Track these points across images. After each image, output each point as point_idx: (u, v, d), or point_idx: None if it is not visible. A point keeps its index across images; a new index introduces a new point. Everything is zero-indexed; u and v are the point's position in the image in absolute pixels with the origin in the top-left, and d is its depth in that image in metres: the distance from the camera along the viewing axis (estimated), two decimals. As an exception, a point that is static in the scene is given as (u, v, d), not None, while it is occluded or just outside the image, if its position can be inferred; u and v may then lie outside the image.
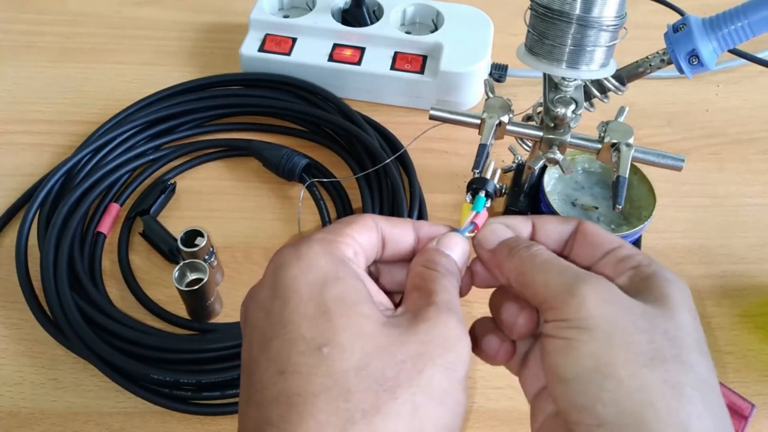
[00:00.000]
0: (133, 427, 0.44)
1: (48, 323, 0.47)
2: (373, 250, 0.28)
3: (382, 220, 0.29)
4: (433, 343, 0.24)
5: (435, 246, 0.29)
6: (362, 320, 0.24)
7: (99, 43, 0.69)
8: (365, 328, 0.24)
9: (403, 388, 0.23)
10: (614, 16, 0.39)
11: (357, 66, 0.62)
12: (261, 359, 0.24)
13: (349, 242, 0.27)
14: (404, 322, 0.25)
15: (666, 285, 0.26)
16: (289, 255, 0.26)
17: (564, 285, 0.26)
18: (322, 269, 0.25)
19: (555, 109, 0.43)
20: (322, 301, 0.24)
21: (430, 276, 0.27)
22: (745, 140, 0.62)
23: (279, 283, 0.25)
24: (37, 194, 0.53)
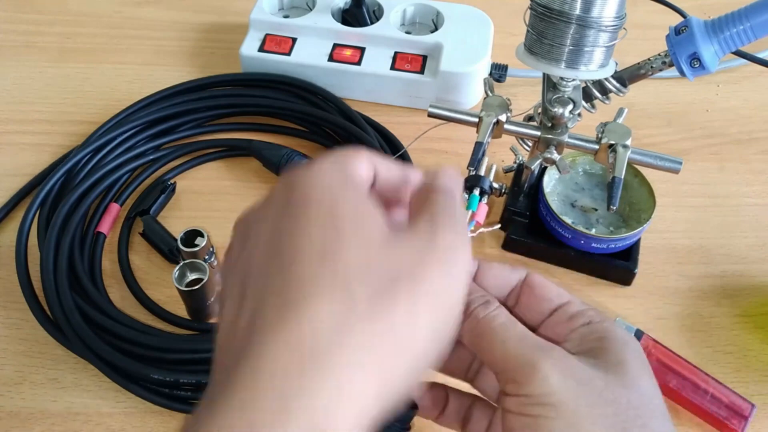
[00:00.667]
0: (133, 427, 0.44)
1: (48, 323, 0.47)
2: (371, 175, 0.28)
3: (376, 156, 0.28)
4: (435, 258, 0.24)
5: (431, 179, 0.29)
6: (369, 230, 0.24)
7: (99, 43, 0.70)
8: (374, 236, 0.24)
9: (403, 281, 0.23)
10: (613, 16, 0.39)
11: (357, 66, 0.62)
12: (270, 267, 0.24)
13: (363, 159, 0.27)
14: (407, 230, 0.25)
15: (622, 349, 0.26)
16: (302, 169, 0.26)
17: (524, 357, 0.26)
18: (332, 180, 0.25)
19: (553, 109, 0.43)
20: (331, 207, 0.24)
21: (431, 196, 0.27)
22: (745, 140, 0.62)
23: (290, 198, 0.25)
24: (37, 194, 0.53)
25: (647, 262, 0.52)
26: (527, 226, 0.52)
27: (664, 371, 0.44)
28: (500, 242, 0.53)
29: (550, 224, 0.50)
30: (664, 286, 0.51)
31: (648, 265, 0.52)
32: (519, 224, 0.52)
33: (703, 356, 0.47)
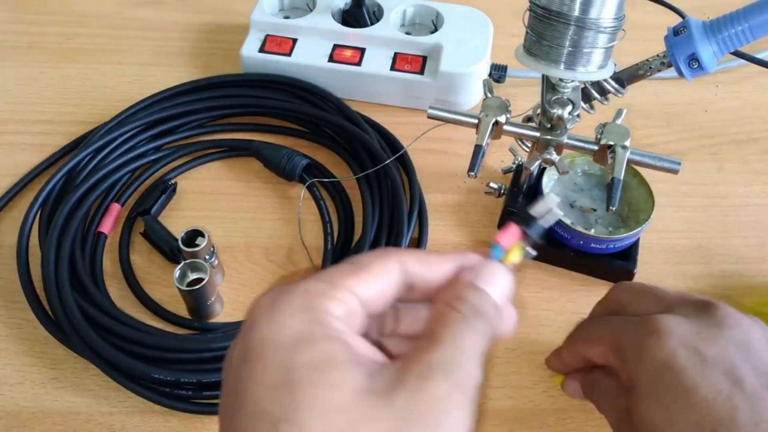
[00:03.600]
0: (133, 426, 0.44)
1: (49, 323, 0.47)
2: (384, 299, 0.25)
3: (411, 259, 0.25)
4: (411, 420, 0.21)
5: (470, 278, 0.25)
6: (329, 392, 0.21)
7: (100, 43, 0.70)
8: (331, 402, 0.21)
9: None
10: (612, 17, 0.39)
11: (357, 67, 0.62)
12: (228, 428, 0.22)
13: (342, 297, 0.23)
14: (386, 385, 0.21)
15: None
16: (264, 309, 0.23)
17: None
18: (295, 331, 0.22)
19: (552, 110, 0.44)
20: (289, 368, 0.21)
21: (446, 318, 0.24)
22: (744, 140, 0.62)
23: (248, 344, 0.22)
24: (39, 194, 0.53)
25: (646, 262, 0.52)
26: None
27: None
28: (500, 242, 0.53)
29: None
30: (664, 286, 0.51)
31: (647, 265, 0.52)
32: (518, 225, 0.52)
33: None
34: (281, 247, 0.53)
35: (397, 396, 0.21)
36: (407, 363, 0.22)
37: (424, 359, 0.22)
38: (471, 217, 0.56)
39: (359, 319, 0.24)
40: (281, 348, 0.22)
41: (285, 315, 0.22)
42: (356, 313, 0.24)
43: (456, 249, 0.53)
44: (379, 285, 0.25)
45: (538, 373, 0.47)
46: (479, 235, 0.54)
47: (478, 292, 0.25)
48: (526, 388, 0.46)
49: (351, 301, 0.24)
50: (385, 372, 0.22)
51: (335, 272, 0.24)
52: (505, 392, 0.46)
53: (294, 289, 0.23)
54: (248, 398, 0.21)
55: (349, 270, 0.24)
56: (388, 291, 0.25)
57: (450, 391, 0.21)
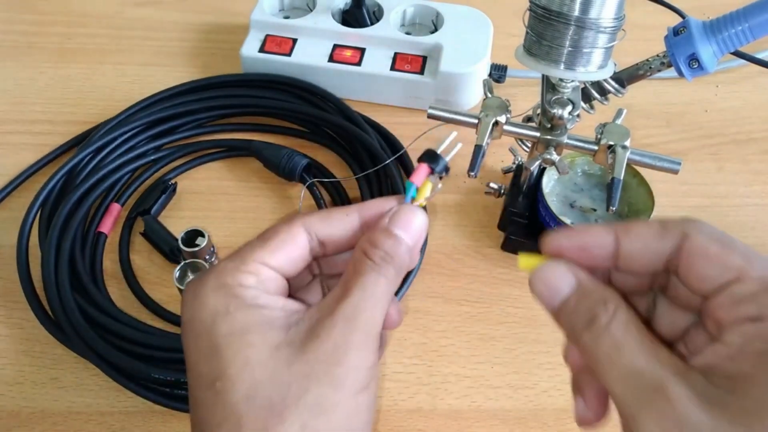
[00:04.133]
0: (134, 426, 0.44)
1: (49, 323, 0.47)
2: (297, 262, 0.28)
3: (316, 220, 0.28)
4: (318, 361, 0.25)
5: (385, 224, 0.28)
6: (249, 349, 0.25)
7: (100, 43, 0.70)
8: (252, 357, 0.24)
9: (290, 409, 0.24)
10: (612, 17, 0.39)
11: (357, 67, 0.62)
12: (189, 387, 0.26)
13: (252, 269, 0.27)
14: (300, 337, 0.25)
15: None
16: (188, 293, 0.27)
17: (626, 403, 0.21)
18: (213, 306, 0.26)
19: (552, 110, 0.44)
20: (212, 337, 0.25)
21: (359, 266, 0.27)
22: (744, 140, 0.63)
23: (183, 323, 0.27)
24: (38, 194, 0.53)
25: (646, 262, 0.52)
26: (526, 227, 0.52)
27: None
28: (499, 243, 0.54)
29: (549, 225, 0.50)
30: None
31: (647, 265, 0.52)
32: (518, 225, 0.52)
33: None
34: (281, 247, 0.53)
35: (309, 345, 0.25)
36: (321, 314, 0.26)
37: (333, 310, 0.26)
38: (471, 217, 0.56)
39: (274, 282, 0.27)
40: (204, 322, 0.26)
41: (203, 294, 0.26)
42: (270, 279, 0.27)
43: (457, 250, 0.53)
44: (286, 251, 0.28)
45: (538, 373, 0.47)
46: (479, 235, 0.54)
47: (391, 238, 0.28)
48: (526, 388, 0.46)
49: (262, 271, 0.27)
50: (301, 324, 0.26)
51: (245, 248, 0.28)
52: (505, 392, 0.46)
53: (210, 271, 0.27)
54: (189, 364, 0.26)
55: (258, 243, 0.28)
56: (297, 255, 0.28)
57: (351, 334, 0.25)
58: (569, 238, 0.25)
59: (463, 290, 0.51)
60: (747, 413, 0.19)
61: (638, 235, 0.24)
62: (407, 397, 0.46)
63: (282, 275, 0.28)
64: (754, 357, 0.20)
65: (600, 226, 0.24)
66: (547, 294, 0.25)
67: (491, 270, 0.52)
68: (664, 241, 0.23)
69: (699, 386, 0.20)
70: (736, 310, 0.21)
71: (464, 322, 0.49)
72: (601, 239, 0.24)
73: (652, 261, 0.24)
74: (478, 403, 0.46)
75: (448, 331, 0.49)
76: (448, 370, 0.47)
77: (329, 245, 0.29)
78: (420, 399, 0.46)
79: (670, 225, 0.23)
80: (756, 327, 0.21)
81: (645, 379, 0.21)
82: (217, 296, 0.26)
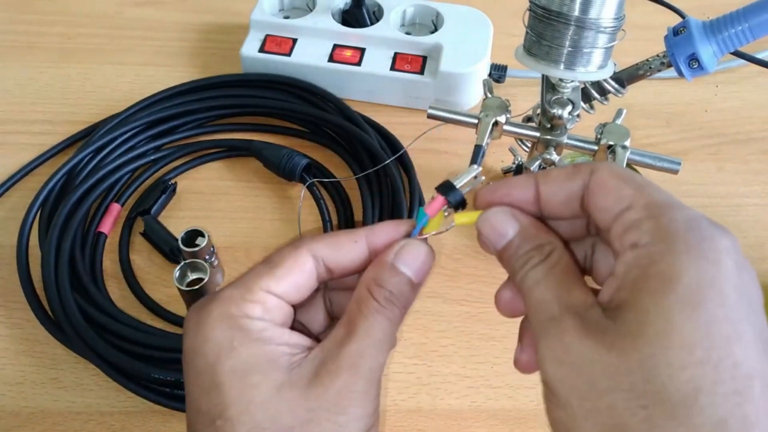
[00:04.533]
0: (134, 426, 0.44)
1: (49, 323, 0.47)
2: (302, 290, 0.28)
3: (323, 246, 0.27)
4: (321, 408, 0.24)
5: (390, 259, 0.27)
6: (252, 390, 0.24)
7: (100, 43, 0.70)
8: (254, 399, 0.24)
9: None
10: (612, 17, 0.39)
11: (357, 67, 0.62)
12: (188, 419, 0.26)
13: (258, 299, 0.26)
14: (304, 379, 0.25)
15: (658, 303, 0.20)
16: (191, 321, 0.26)
17: (534, 334, 0.24)
18: (217, 340, 0.25)
19: (552, 110, 0.44)
20: (215, 374, 0.25)
21: (363, 305, 0.26)
22: (744, 140, 0.62)
23: (184, 354, 0.26)
24: (38, 194, 0.53)
25: (646, 262, 0.52)
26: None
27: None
28: (500, 242, 0.53)
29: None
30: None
31: (647, 265, 0.52)
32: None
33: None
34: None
35: (313, 390, 0.24)
36: (324, 356, 0.25)
37: (337, 354, 0.25)
38: (471, 217, 0.56)
39: (281, 311, 0.27)
40: (207, 357, 0.25)
41: (207, 325, 0.25)
42: (276, 307, 0.26)
43: (457, 249, 0.53)
44: (292, 279, 0.27)
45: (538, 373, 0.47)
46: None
47: (397, 276, 0.27)
48: (526, 388, 0.46)
49: (268, 300, 0.26)
50: (304, 365, 0.25)
51: (250, 275, 0.27)
52: (504, 392, 0.46)
53: (215, 299, 0.26)
54: (190, 398, 0.26)
55: (263, 270, 0.27)
56: (304, 282, 0.27)
57: (355, 383, 0.25)
58: (495, 191, 0.27)
59: (463, 290, 0.51)
60: (621, 338, 0.20)
61: (553, 177, 0.25)
62: (407, 397, 0.46)
63: (288, 302, 0.27)
64: (630, 284, 0.21)
65: (522, 176, 0.26)
66: (492, 236, 0.26)
67: (491, 270, 0.52)
68: (575, 181, 0.25)
69: (593, 319, 0.22)
70: (624, 238, 0.22)
71: (464, 322, 0.49)
72: (522, 186, 0.26)
73: (568, 201, 0.25)
74: (478, 403, 0.46)
75: (448, 331, 0.49)
76: (448, 370, 0.47)
77: (336, 271, 0.28)
78: (420, 399, 0.46)
79: (581, 166, 0.25)
80: (634, 253, 0.21)
81: (547, 310, 0.23)
82: (221, 328, 0.25)
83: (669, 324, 0.20)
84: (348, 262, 0.28)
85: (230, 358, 0.25)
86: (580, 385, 0.21)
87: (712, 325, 0.20)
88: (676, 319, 0.20)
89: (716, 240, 0.21)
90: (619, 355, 0.20)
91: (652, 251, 0.21)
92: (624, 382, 0.20)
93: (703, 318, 0.20)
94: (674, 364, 0.19)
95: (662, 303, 0.20)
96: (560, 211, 0.26)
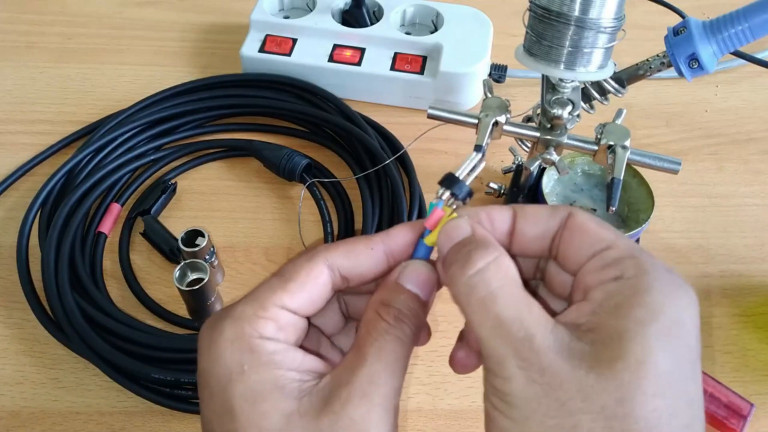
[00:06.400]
0: (133, 426, 0.44)
1: (49, 323, 0.47)
2: (318, 302, 0.27)
3: (338, 256, 0.27)
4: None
5: (396, 278, 0.27)
6: (262, 420, 0.24)
7: (100, 43, 0.70)
8: (265, 426, 0.24)
9: None
10: (612, 17, 0.39)
11: (357, 67, 0.62)
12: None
13: (271, 315, 0.25)
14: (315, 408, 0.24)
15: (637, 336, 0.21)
16: (203, 341, 0.26)
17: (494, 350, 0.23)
18: (228, 363, 0.24)
19: (552, 110, 0.44)
20: (226, 397, 0.24)
21: (372, 328, 0.25)
22: (744, 140, 0.63)
23: (198, 373, 0.26)
24: (38, 194, 0.53)
25: (646, 262, 0.52)
26: (526, 227, 0.52)
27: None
28: (500, 242, 0.53)
29: (549, 224, 0.50)
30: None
31: (647, 265, 0.52)
32: (518, 224, 0.52)
33: (702, 355, 0.48)
34: (281, 247, 0.53)
35: (324, 419, 0.23)
36: (335, 383, 0.25)
37: (349, 381, 0.24)
38: (471, 217, 0.56)
39: (294, 327, 0.26)
40: (219, 379, 0.24)
41: (219, 346, 0.25)
42: (289, 324, 0.26)
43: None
44: (307, 293, 0.26)
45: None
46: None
47: (403, 293, 0.26)
48: (526, 388, 0.46)
49: (282, 316, 0.25)
50: (314, 393, 0.24)
51: (263, 290, 0.26)
52: (505, 392, 0.46)
53: (228, 316, 0.25)
54: (204, 419, 0.25)
55: (277, 284, 0.26)
56: (318, 295, 0.27)
57: (368, 412, 0.24)
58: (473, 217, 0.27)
59: (463, 290, 0.51)
60: (600, 362, 0.21)
61: (532, 213, 0.26)
62: (407, 397, 0.46)
63: (302, 316, 0.27)
64: (612, 308, 0.23)
65: (499, 207, 0.27)
66: (444, 240, 0.26)
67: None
68: (553, 219, 0.26)
69: (564, 339, 0.22)
70: (603, 272, 0.24)
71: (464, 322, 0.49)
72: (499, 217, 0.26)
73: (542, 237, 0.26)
74: (478, 403, 0.46)
75: (448, 331, 0.49)
76: (448, 370, 0.46)
77: (353, 280, 0.27)
78: (420, 399, 0.46)
79: (560, 207, 0.26)
80: (617, 284, 0.23)
81: (514, 329, 0.23)
82: (233, 350, 0.25)
83: (648, 353, 0.21)
84: (365, 270, 0.27)
85: (241, 382, 0.24)
86: (549, 404, 0.21)
87: (680, 362, 0.22)
88: (654, 348, 0.21)
89: (689, 291, 0.24)
90: (597, 378, 0.21)
91: (637, 284, 0.23)
92: (596, 404, 0.21)
93: (674, 353, 0.22)
94: (647, 393, 0.21)
95: (645, 331, 0.21)
96: (530, 245, 0.26)
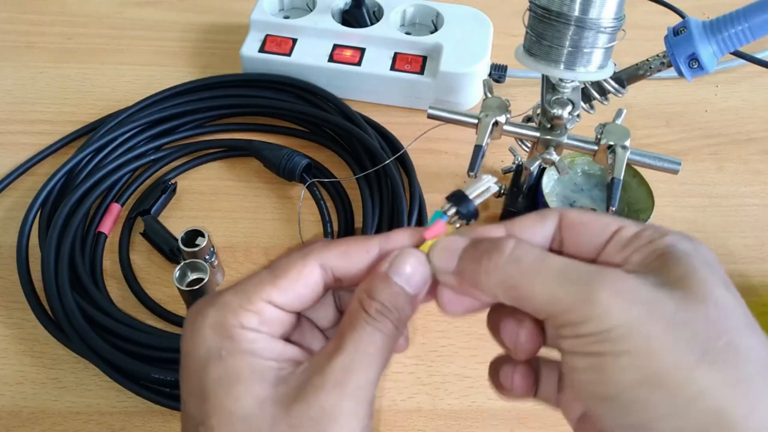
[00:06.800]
0: (133, 426, 0.44)
1: (49, 323, 0.47)
2: (310, 298, 0.26)
3: (333, 256, 0.26)
4: (302, 426, 0.23)
5: (385, 269, 0.26)
6: (234, 403, 0.24)
7: (100, 43, 0.70)
8: (236, 412, 0.23)
9: None
10: (612, 17, 0.39)
11: (357, 67, 0.62)
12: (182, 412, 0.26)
13: (256, 309, 0.25)
14: (289, 394, 0.24)
15: (688, 260, 0.22)
16: (188, 323, 0.26)
17: (575, 293, 0.22)
18: (208, 347, 0.24)
19: (552, 110, 0.44)
20: (202, 380, 0.24)
21: (354, 319, 0.25)
22: (744, 140, 0.63)
23: (181, 354, 0.26)
24: (38, 194, 0.53)
25: (646, 262, 0.52)
26: (526, 227, 0.52)
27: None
28: (500, 242, 0.53)
29: (549, 224, 0.50)
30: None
31: (647, 265, 0.52)
32: (518, 224, 0.52)
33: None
34: (281, 247, 0.53)
35: (296, 406, 0.23)
36: (311, 370, 0.24)
37: (323, 369, 0.24)
38: (471, 217, 0.56)
39: (279, 321, 0.26)
40: (197, 362, 0.25)
41: (201, 330, 0.25)
42: (274, 318, 0.26)
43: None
44: (296, 290, 0.26)
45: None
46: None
47: (390, 287, 0.26)
48: (526, 388, 0.46)
49: (267, 311, 0.25)
50: (290, 379, 0.24)
51: (252, 282, 0.26)
52: (505, 392, 0.46)
53: (213, 303, 0.25)
54: (182, 398, 0.25)
55: (267, 278, 0.26)
56: (308, 293, 0.26)
57: (340, 401, 0.23)
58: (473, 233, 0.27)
59: (463, 290, 0.51)
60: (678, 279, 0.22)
61: (523, 223, 0.26)
62: (407, 397, 0.46)
63: (289, 311, 0.26)
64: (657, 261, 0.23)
65: (491, 225, 0.27)
66: (444, 256, 0.26)
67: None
68: (546, 223, 0.26)
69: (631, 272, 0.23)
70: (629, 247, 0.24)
71: (464, 322, 0.49)
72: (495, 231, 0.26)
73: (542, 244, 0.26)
74: (478, 403, 0.46)
75: (448, 331, 0.49)
76: (448, 370, 0.47)
77: (345, 280, 0.27)
78: (420, 399, 0.46)
79: (546, 211, 0.26)
80: (648, 247, 0.23)
81: (584, 267, 0.23)
82: (213, 335, 0.25)
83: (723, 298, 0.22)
84: (359, 272, 0.27)
85: (217, 366, 0.24)
86: (659, 321, 0.21)
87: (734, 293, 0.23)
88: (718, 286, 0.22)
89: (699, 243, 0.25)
90: (683, 301, 0.22)
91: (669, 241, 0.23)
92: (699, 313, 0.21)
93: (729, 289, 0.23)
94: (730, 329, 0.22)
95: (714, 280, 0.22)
96: None
